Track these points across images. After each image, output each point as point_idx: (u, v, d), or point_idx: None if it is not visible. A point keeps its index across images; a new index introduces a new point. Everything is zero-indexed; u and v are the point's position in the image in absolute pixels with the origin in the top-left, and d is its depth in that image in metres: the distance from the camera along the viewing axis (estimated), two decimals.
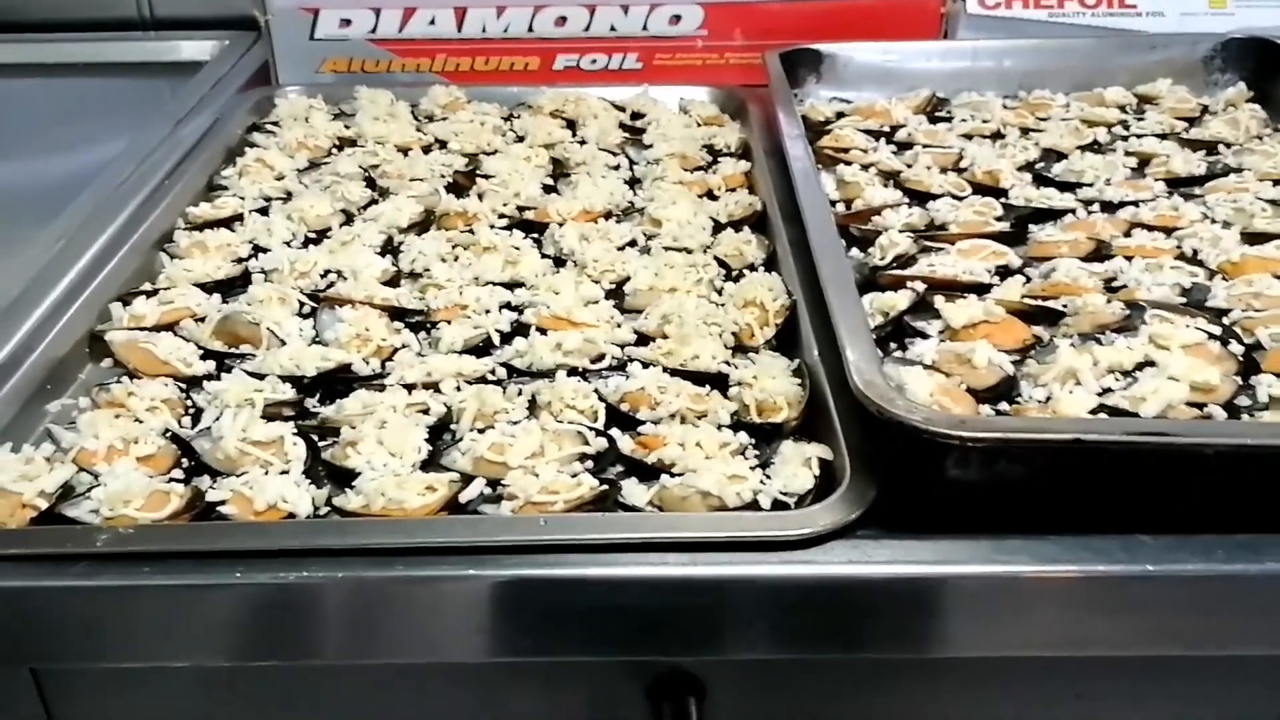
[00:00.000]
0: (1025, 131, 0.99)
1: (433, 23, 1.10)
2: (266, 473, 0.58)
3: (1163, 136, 0.97)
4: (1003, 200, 0.86)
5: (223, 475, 0.59)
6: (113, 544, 0.53)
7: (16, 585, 0.53)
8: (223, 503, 0.57)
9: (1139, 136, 0.97)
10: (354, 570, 0.53)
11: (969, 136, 0.98)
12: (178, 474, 0.60)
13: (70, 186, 0.91)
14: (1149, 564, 0.53)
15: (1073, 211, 0.85)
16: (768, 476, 0.58)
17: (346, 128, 1.00)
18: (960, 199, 0.87)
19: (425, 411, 0.63)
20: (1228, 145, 0.95)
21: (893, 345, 0.69)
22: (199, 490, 0.58)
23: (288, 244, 0.82)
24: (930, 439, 0.52)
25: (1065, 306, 0.72)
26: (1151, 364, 0.65)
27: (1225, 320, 0.70)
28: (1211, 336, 0.67)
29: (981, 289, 0.74)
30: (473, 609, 0.54)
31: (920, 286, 0.73)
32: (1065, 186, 0.89)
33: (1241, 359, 0.66)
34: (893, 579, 0.53)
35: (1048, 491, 0.54)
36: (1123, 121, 1.00)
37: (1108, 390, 0.62)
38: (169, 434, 0.62)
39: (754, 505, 0.56)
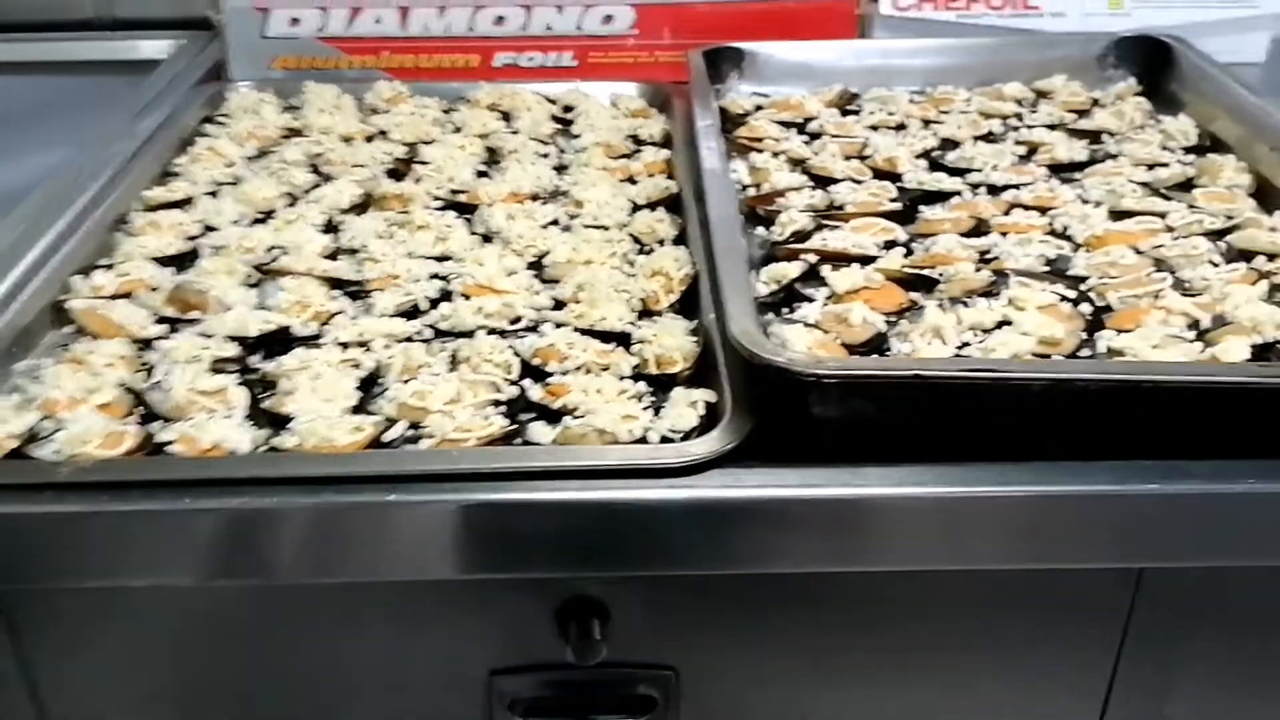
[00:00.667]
0: (927, 123, 1.06)
1: (378, 21, 1.17)
2: (211, 418, 0.65)
3: (1052, 127, 1.05)
4: (898, 184, 0.94)
5: (172, 422, 0.66)
6: (73, 475, 0.60)
7: None
8: (170, 443, 0.63)
9: (1030, 127, 1.05)
10: (287, 497, 0.59)
11: (875, 128, 1.06)
12: (132, 421, 0.67)
13: (32, 175, 0.98)
14: (988, 486, 0.61)
15: (959, 194, 0.93)
16: (658, 417, 0.65)
17: (294, 120, 1.07)
18: (859, 183, 0.94)
19: (356, 366, 0.70)
20: (1111, 134, 1.03)
21: (785, 310, 0.77)
22: (150, 433, 0.65)
23: (235, 223, 0.88)
24: (793, 377, 0.60)
25: (940, 275, 0.80)
26: (1008, 323, 0.73)
27: (1082, 286, 0.78)
28: (1064, 298, 0.75)
29: (867, 260, 0.81)
30: (393, 532, 0.61)
31: (812, 258, 0.81)
32: (956, 172, 0.97)
33: (1089, 318, 0.74)
34: (761, 500, 0.60)
35: (897, 424, 0.61)
36: (1018, 114, 1.08)
37: (965, 345, 0.70)
38: (124, 386, 0.69)
39: (644, 440, 0.63)
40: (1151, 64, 1.13)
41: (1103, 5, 1.25)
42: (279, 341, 0.74)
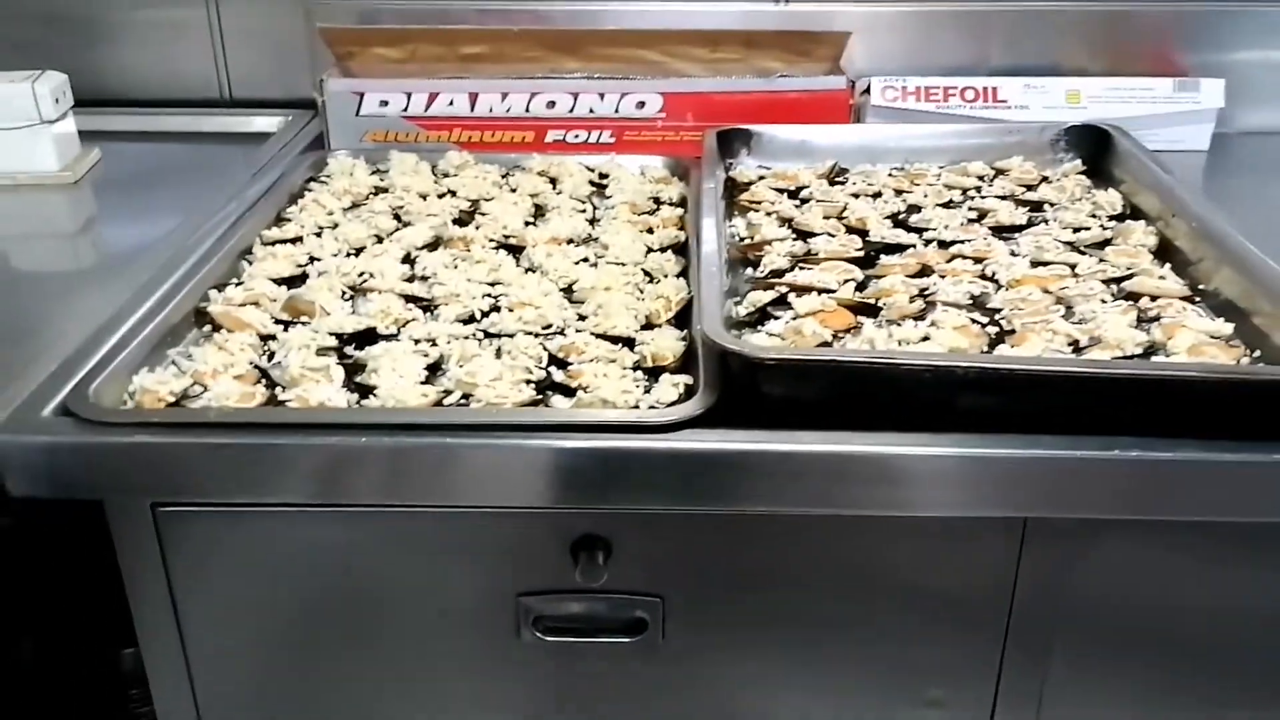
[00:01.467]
0: (899, 192, 1.28)
1: (451, 104, 1.41)
2: (318, 385, 0.88)
3: (1003, 198, 1.26)
4: (865, 238, 1.16)
5: (288, 389, 0.89)
6: (220, 416, 0.83)
7: (152, 441, 0.82)
8: (288, 401, 0.86)
9: (984, 197, 1.26)
10: (375, 438, 0.82)
11: (856, 195, 1.27)
12: (259, 387, 0.90)
13: (170, 221, 1.24)
14: (894, 447, 0.81)
15: (914, 246, 1.14)
16: (649, 394, 0.87)
17: (381, 181, 1.32)
18: (833, 237, 1.16)
19: (425, 355, 0.93)
20: (1051, 205, 1.24)
21: (759, 328, 0.98)
22: (274, 395, 0.88)
23: (334, 256, 1.12)
24: (745, 360, 0.81)
25: (882, 304, 1.01)
26: (928, 339, 0.93)
27: (995, 315, 0.99)
28: (975, 322, 0.96)
29: (827, 291, 1.02)
30: (452, 468, 0.82)
31: (783, 288, 1.02)
32: (915, 230, 1.18)
33: (993, 337, 0.95)
34: (721, 452, 0.81)
35: (827, 401, 0.82)
36: (977, 187, 1.29)
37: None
38: (253, 364, 0.92)
39: (636, 408, 0.85)
40: (1095, 148, 1.34)
41: (1061, 100, 1.47)
42: (367, 338, 0.97)
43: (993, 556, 0.90)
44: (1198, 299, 1.02)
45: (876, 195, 1.27)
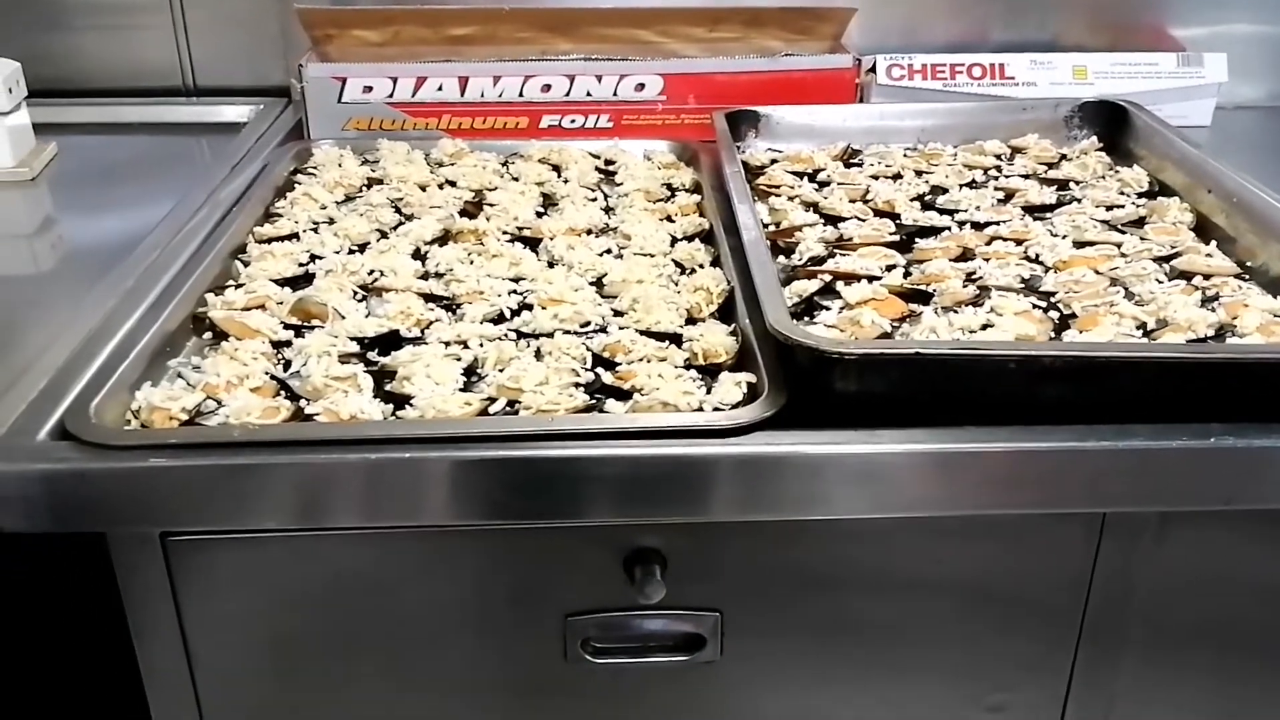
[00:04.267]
0: (919, 173, 1.23)
1: (440, 89, 1.33)
2: (347, 396, 0.80)
3: (1026, 176, 1.22)
4: (896, 222, 1.11)
5: (312, 401, 0.81)
6: (246, 435, 0.75)
7: (169, 465, 0.73)
8: (316, 415, 0.78)
9: (1007, 177, 1.22)
10: (419, 453, 0.74)
11: (875, 177, 1.22)
12: (281, 400, 0.82)
13: (144, 217, 1.14)
14: (976, 443, 0.76)
15: (948, 229, 1.10)
16: (709, 395, 0.81)
17: (373, 171, 1.24)
18: (863, 221, 1.11)
19: (458, 360, 0.85)
20: (1076, 183, 1.20)
21: (805, 319, 0.93)
22: (299, 408, 0.80)
23: (337, 253, 1.04)
24: (820, 355, 0.75)
25: (933, 290, 0.96)
26: (991, 326, 0.89)
27: (1052, 299, 0.94)
28: (1036, 306, 0.92)
29: (874, 278, 0.97)
30: (502, 482, 0.75)
31: (827, 276, 0.97)
32: (945, 212, 1.14)
33: (1057, 322, 0.90)
34: (794, 455, 0.75)
35: (902, 395, 0.77)
36: (997, 166, 1.26)
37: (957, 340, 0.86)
38: (269, 374, 0.84)
39: (699, 410, 0.79)
40: (1110, 124, 1.31)
41: (1068, 76, 1.44)
42: (390, 342, 0.89)
43: (1069, 553, 0.85)
44: (1247, 276, 0.99)
45: (896, 176, 1.23)
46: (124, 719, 0.89)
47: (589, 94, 1.35)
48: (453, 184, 1.20)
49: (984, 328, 0.88)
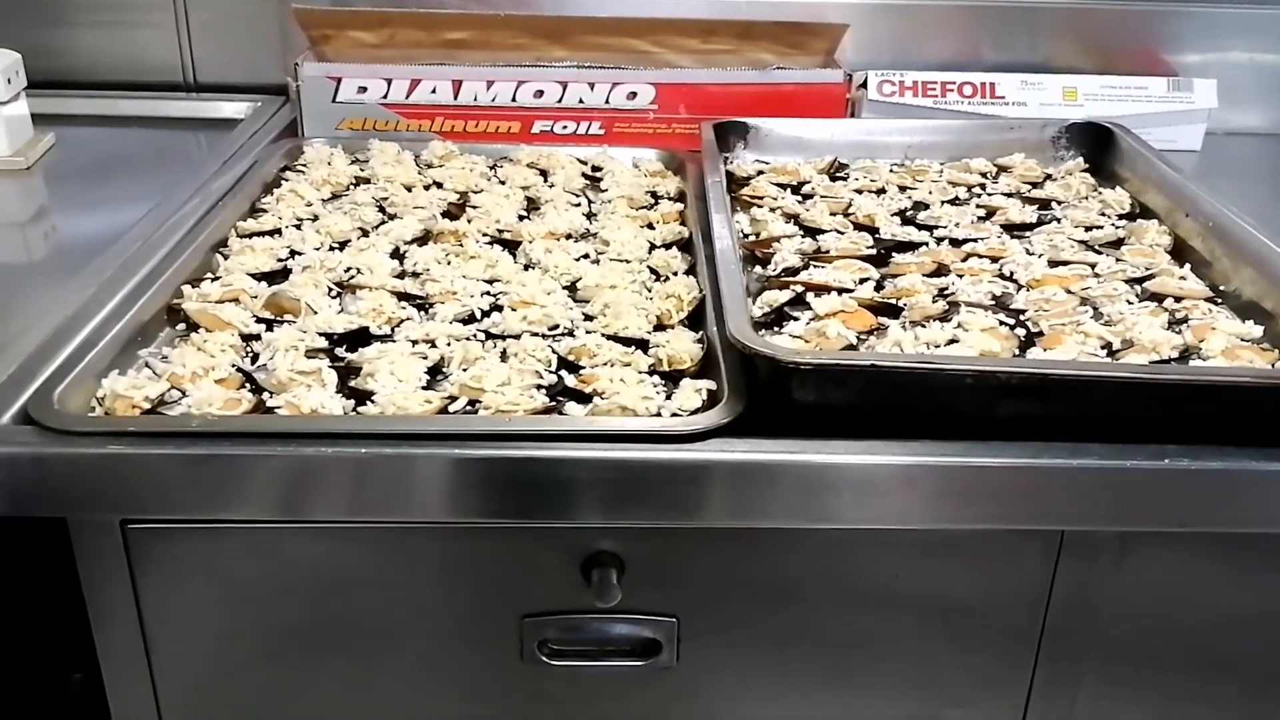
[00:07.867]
0: (903, 189, 1.24)
1: (434, 92, 1.35)
2: (309, 390, 0.81)
3: (1009, 195, 1.22)
4: (875, 236, 1.11)
5: (276, 394, 0.82)
6: (204, 425, 0.76)
7: (127, 452, 0.74)
8: (278, 408, 0.79)
9: (990, 194, 1.23)
10: (375, 449, 0.75)
11: (859, 191, 1.23)
12: (244, 392, 0.82)
13: (136, 210, 1.15)
14: (929, 456, 0.76)
15: (926, 244, 1.10)
16: (669, 400, 0.81)
17: (362, 170, 1.25)
18: (842, 234, 1.11)
19: (424, 358, 0.86)
20: (1059, 203, 1.21)
21: (775, 328, 0.93)
22: (261, 400, 0.81)
23: (317, 250, 1.05)
24: (776, 364, 0.76)
25: (903, 304, 0.96)
26: (956, 341, 0.89)
27: (1020, 317, 0.95)
28: (1003, 323, 0.92)
29: (845, 291, 0.98)
30: (458, 480, 0.76)
31: (799, 287, 0.97)
32: (925, 227, 1.14)
33: (1022, 339, 0.90)
34: (750, 463, 0.76)
35: (862, 407, 0.77)
36: (981, 184, 1.26)
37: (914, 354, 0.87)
38: (235, 367, 0.85)
39: (659, 415, 0.79)
40: (1096, 146, 1.31)
41: (1057, 97, 1.44)
42: (359, 338, 0.90)
43: (1027, 570, 0.85)
44: (1219, 300, 0.99)
45: (880, 191, 1.23)
46: (82, 704, 0.90)
47: (581, 101, 1.36)
48: (439, 185, 1.21)
49: (950, 343, 0.88)
